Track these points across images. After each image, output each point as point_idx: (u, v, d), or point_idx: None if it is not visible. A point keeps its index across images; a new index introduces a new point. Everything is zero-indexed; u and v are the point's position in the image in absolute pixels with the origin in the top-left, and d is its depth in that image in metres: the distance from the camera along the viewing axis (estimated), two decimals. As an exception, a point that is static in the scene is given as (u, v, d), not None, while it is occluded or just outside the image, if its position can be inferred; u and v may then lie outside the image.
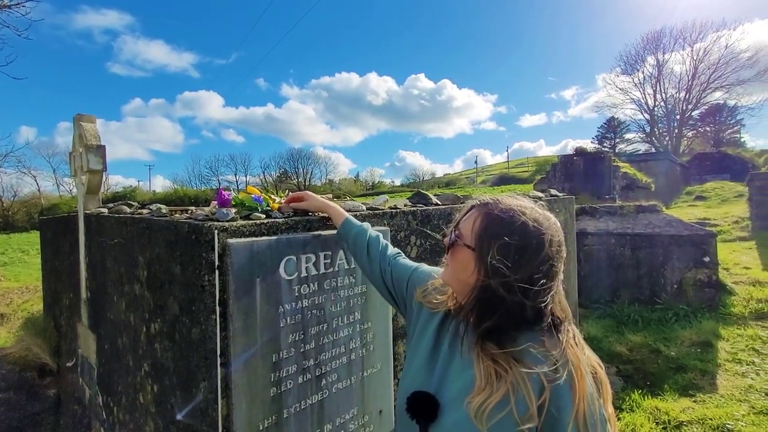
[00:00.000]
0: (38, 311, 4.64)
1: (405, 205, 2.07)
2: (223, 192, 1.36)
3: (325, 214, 1.52)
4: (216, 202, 1.37)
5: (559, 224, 0.81)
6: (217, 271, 1.20)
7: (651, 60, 35.10)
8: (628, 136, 42.54)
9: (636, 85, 36.02)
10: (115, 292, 2.01)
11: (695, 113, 35.86)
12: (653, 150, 31.49)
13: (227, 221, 1.26)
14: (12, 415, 2.95)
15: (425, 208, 2.07)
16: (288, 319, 1.34)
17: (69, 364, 3.05)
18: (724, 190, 15.61)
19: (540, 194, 3.62)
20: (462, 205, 1.04)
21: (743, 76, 30.98)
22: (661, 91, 35.37)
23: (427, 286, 1.04)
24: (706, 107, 35.45)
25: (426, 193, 2.33)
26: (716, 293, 4.93)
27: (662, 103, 35.77)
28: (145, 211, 1.83)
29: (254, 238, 1.27)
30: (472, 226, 0.80)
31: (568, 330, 0.78)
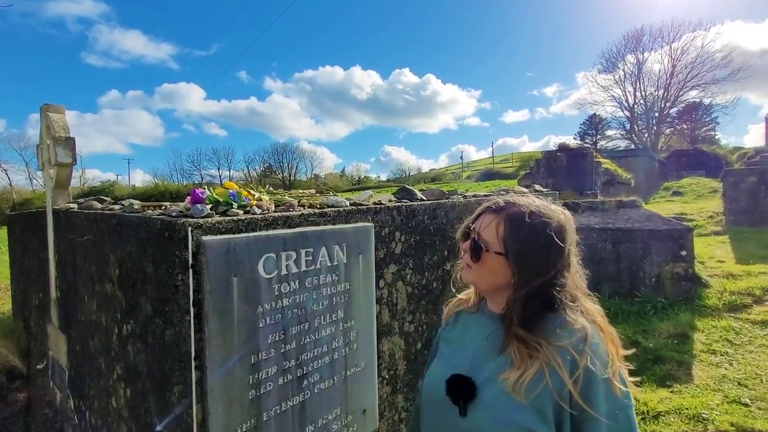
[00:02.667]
0: (8, 311, 4.45)
1: (390, 201, 2.03)
2: (196, 190, 1.30)
3: (308, 210, 1.47)
4: (189, 200, 1.31)
5: (568, 213, 0.89)
6: (191, 270, 1.14)
7: (631, 58, 35.86)
8: (609, 132, 43.45)
9: (617, 82, 36.78)
10: (85, 292, 1.92)
11: (673, 111, 36.88)
12: (633, 146, 32.28)
13: (201, 218, 1.20)
14: (-22, 420, 2.81)
15: (410, 203, 2.04)
16: (268, 319, 1.30)
17: (39, 367, 2.93)
18: (699, 185, 16.10)
19: (524, 189, 3.64)
20: (447, 201, 1.07)
21: (718, 75, 31.98)
22: (640, 88, 36.22)
23: (449, 309, 1.12)
24: (683, 105, 36.50)
25: (411, 188, 2.30)
26: (692, 286, 5.07)
27: (642, 101, 36.65)
28: (116, 207, 1.74)
29: (231, 236, 1.21)
30: (496, 232, 0.84)
31: (584, 302, 0.86)
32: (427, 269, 2.16)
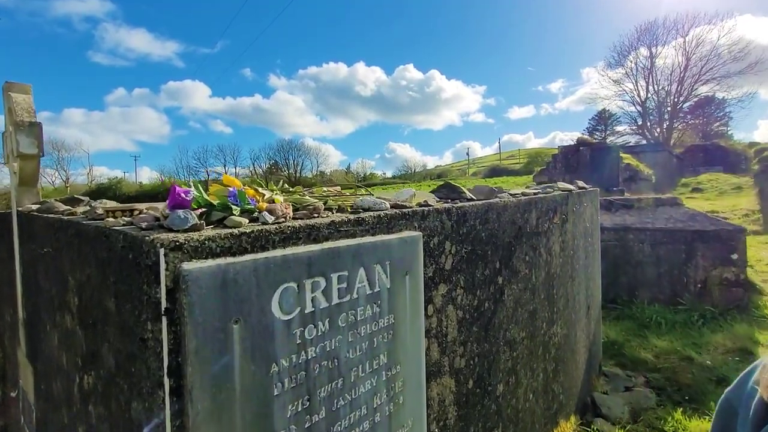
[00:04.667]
0: None
1: (437, 202, 1.59)
2: (177, 188, 0.86)
3: (339, 216, 1.04)
4: (168, 204, 0.88)
5: None
6: (164, 318, 0.71)
7: (644, 51, 34.97)
8: (618, 128, 42.57)
9: (628, 76, 35.93)
10: (48, 319, 1.50)
11: (686, 105, 35.99)
12: (644, 142, 31.51)
13: (184, 231, 0.77)
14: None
15: (461, 205, 1.59)
16: (286, 381, 0.86)
17: (12, 395, 2.53)
18: (719, 182, 15.47)
19: (570, 186, 3.18)
20: (499, 201, 0.61)
21: (732, 69, 31.05)
22: (653, 82, 35.33)
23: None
24: (696, 99, 35.59)
25: (456, 185, 1.85)
26: (744, 293, 4.58)
27: (654, 95, 35.78)
28: (80, 209, 1.32)
29: (230, 259, 0.78)
30: None
31: None
32: (478, 287, 1.72)
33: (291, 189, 1.34)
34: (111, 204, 1.13)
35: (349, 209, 1.25)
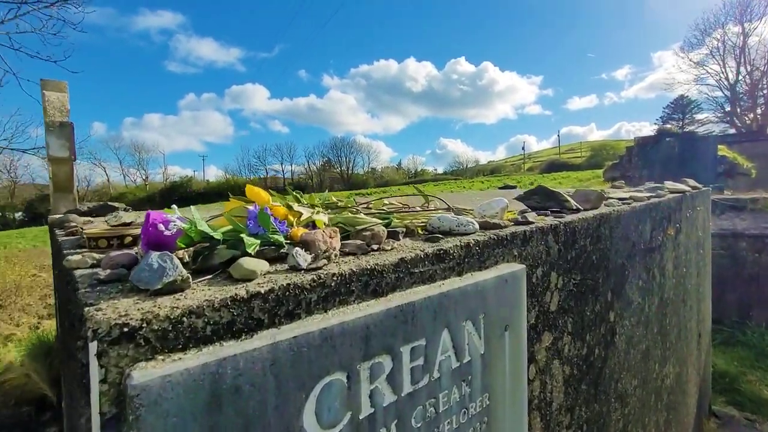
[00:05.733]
0: (50, 329, 4.24)
1: (537, 216, 1.16)
2: (152, 216, 0.53)
3: (410, 249, 0.67)
4: (141, 242, 0.55)
5: None
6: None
7: (734, 28, 30.78)
8: (699, 116, 38.01)
9: (713, 56, 31.86)
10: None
11: (787, 88, 31.18)
12: (734, 131, 27.77)
13: (154, 294, 0.43)
14: (2, 459, 2.42)
15: (569, 220, 1.15)
16: None
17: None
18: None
19: (681, 185, 2.55)
20: (612, 212, 0.56)
21: None
22: (745, 63, 31.00)
23: None
24: (800, 80, 30.66)
25: (553, 189, 1.40)
26: None
27: (746, 77, 31.40)
28: (99, 223, 1.07)
29: (228, 349, 0.43)
30: None
31: None
32: (588, 329, 1.27)
33: (340, 203, 0.98)
34: (98, 229, 0.84)
35: (419, 231, 0.88)
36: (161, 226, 0.51)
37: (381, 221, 0.82)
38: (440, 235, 0.82)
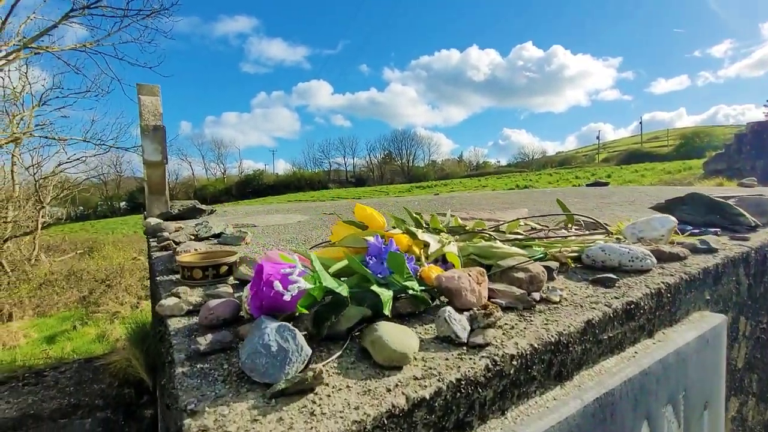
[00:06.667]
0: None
1: (717, 236, 0.88)
2: (266, 271, 0.39)
3: (603, 287, 0.46)
4: (249, 301, 0.41)
5: None
6: None
7: None
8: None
9: None
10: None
11: None
12: None
13: (270, 398, 0.29)
14: (109, 435, 2.65)
15: (757, 245, 0.85)
16: None
17: (163, 382, 2.64)
18: None
19: None
20: None
21: None
22: None
23: None
24: None
25: (717, 198, 1.09)
26: None
27: None
28: (192, 247, 1.01)
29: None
30: None
31: None
32: (771, 385, 0.96)
33: (461, 226, 0.79)
34: (192, 256, 0.73)
35: (571, 264, 0.67)
36: (279, 286, 0.37)
37: (526, 253, 0.62)
38: (612, 275, 0.60)
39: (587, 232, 0.83)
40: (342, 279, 0.51)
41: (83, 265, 7.88)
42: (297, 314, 0.42)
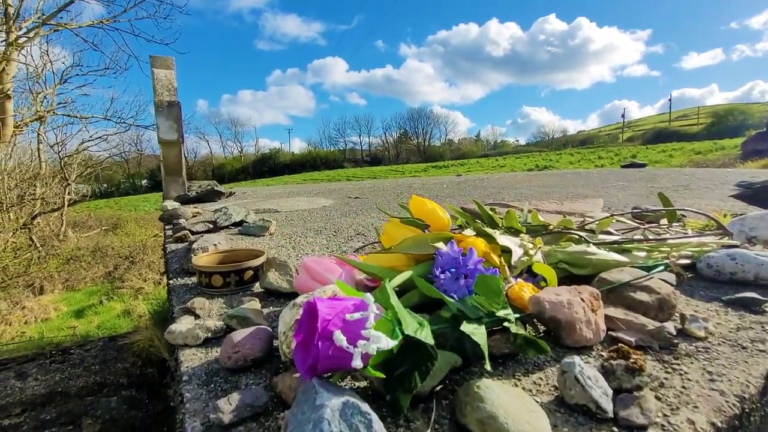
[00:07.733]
0: None
1: None
2: (320, 310, 0.26)
3: None
4: (287, 340, 0.29)
5: None
6: None
7: None
8: None
9: None
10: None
11: None
12: None
13: None
14: (136, 414, 2.69)
15: None
16: None
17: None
18: None
19: None
20: None
21: None
22: None
23: None
24: None
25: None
26: None
27: None
28: (210, 247, 0.90)
29: None
30: None
31: None
32: None
33: (544, 224, 0.64)
34: (210, 259, 0.61)
35: (685, 276, 0.52)
36: (342, 341, 0.24)
37: (634, 262, 0.48)
38: (754, 294, 0.46)
39: (691, 233, 0.67)
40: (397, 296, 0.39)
41: (107, 241, 8.07)
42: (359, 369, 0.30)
